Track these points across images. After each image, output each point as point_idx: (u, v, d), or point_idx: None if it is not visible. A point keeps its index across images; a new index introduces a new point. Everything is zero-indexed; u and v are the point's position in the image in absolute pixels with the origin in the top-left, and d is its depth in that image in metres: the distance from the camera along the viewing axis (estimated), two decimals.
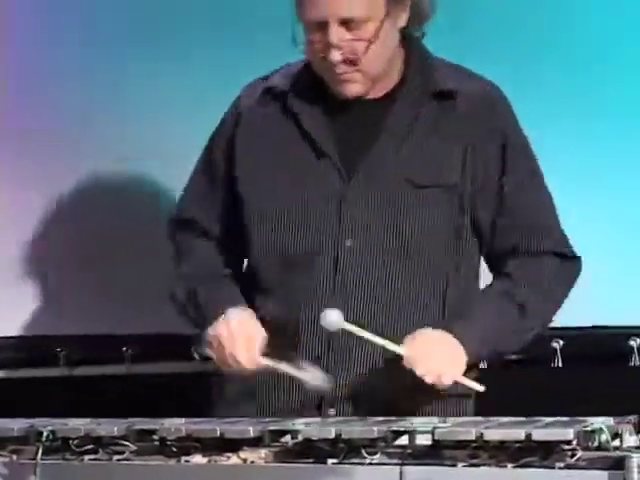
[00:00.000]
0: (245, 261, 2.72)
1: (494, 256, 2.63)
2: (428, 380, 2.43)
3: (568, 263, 2.61)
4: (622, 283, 3.02)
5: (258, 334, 2.52)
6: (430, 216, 2.55)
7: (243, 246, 2.68)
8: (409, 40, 2.60)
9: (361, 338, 2.46)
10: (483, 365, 2.65)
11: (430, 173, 2.55)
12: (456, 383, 2.46)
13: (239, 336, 2.50)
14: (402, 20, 2.54)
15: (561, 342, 3.06)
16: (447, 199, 2.55)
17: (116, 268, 3.53)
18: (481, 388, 2.49)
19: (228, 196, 2.67)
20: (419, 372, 2.43)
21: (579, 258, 2.62)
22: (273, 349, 2.51)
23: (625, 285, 3.04)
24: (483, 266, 2.66)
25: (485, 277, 2.65)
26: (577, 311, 2.85)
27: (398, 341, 2.45)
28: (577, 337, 2.92)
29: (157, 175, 3.45)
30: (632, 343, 3.00)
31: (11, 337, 3.54)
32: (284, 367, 2.49)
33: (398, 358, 2.43)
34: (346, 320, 2.44)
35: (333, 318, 2.42)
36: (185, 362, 3.34)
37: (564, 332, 3.07)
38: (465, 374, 2.48)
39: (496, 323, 2.53)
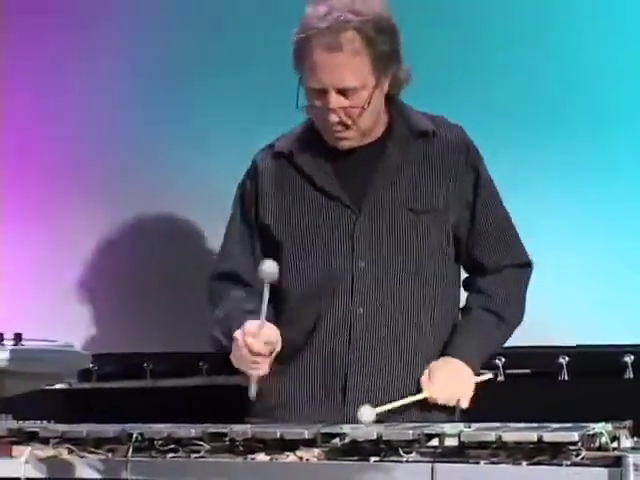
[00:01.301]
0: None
1: (468, 266, 2.72)
2: (450, 404, 2.53)
3: (525, 269, 2.71)
4: (619, 307, 3.03)
5: (275, 333, 2.55)
6: (426, 237, 2.62)
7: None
8: (390, 96, 2.67)
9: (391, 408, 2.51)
10: (501, 378, 2.72)
11: (424, 200, 2.63)
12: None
13: (252, 327, 2.51)
14: (386, 87, 2.62)
15: (567, 358, 3.05)
16: (438, 223, 2.64)
17: (193, 293, 3.58)
18: (490, 375, 2.59)
19: (261, 244, 2.73)
20: (443, 403, 2.54)
21: (531, 262, 2.71)
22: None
23: (621, 308, 3.05)
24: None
25: None
26: (581, 332, 2.88)
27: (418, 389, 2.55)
28: (580, 354, 2.93)
29: (218, 203, 3.41)
30: (627, 359, 3.00)
31: (107, 354, 3.59)
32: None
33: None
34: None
35: (367, 415, 2.43)
36: None
37: (569, 350, 3.10)
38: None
39: (486, 338, 2.63)
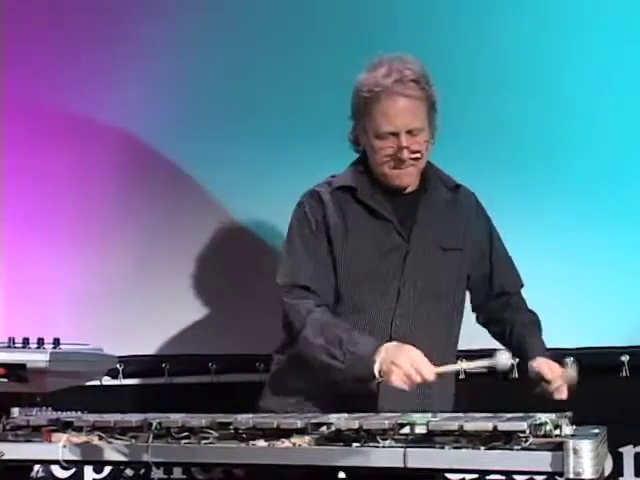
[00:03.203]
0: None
1: (492, 296, 2.79)
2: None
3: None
4: (559, 317, 3.03)
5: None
6: (450, 268, 2.67)
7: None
8: None
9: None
10: (462, 376, 2.76)
11: (450, 240, 2.68)
12: None
13: (419, 356, 2.43)
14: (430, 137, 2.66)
15: (517, 360, 2.90)
16: (457, 258, 2.69)
17: (207, 303, 3.60)
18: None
19: (330, 260, 2.65)
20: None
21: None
22: None
23: (560, 319, 3.07)
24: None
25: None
26: None
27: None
28: None
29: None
30: (567, 360, 3.04)
31: (131, 356, 3.59)
32: (461, 365, 2.45)
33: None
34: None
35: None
36: (253, 374, 3.39)
37: None
38: None
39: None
